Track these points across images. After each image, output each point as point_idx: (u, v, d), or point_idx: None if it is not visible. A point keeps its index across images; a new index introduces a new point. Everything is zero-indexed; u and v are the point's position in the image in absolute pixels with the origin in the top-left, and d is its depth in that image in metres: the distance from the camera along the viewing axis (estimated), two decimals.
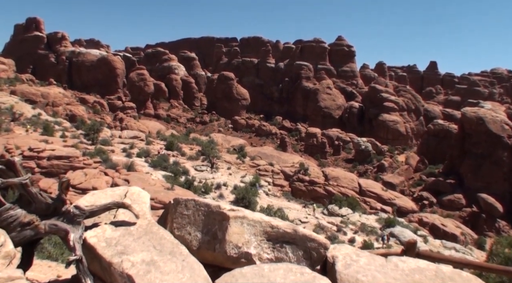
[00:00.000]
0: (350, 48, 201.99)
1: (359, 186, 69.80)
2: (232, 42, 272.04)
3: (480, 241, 62.92)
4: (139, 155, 57.79)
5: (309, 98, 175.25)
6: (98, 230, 6.86)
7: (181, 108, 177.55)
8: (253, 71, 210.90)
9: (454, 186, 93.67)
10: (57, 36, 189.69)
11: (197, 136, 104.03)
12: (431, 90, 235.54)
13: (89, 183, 32.42)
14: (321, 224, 44.42)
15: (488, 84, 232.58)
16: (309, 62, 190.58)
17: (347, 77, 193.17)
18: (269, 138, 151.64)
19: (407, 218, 64.09)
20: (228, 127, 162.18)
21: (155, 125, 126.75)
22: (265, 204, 45.30)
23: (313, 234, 6.98)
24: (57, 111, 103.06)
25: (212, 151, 65.62)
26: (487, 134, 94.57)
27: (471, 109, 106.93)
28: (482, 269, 11.37)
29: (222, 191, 48.77)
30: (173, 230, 7.37)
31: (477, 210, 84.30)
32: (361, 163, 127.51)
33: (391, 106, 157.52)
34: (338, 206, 54.11)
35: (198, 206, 7.46)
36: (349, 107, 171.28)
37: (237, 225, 6.91)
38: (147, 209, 7.74)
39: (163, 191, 33.95)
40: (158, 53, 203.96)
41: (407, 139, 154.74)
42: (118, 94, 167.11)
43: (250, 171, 67.62)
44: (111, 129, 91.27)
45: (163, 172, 49.54)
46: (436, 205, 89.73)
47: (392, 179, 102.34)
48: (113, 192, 8.22)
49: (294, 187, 65.49)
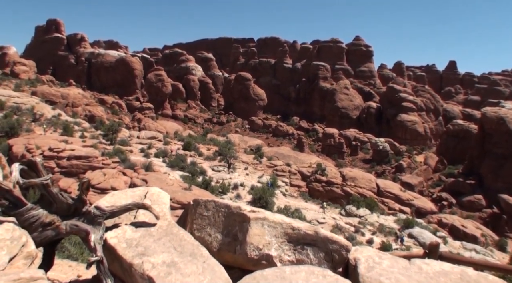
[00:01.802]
0: (368, 48, 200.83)
1: (377, 186, 69.27)
2: (249, 43, 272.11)
3: (501, 243, 61.97)
4: (157, 155, 58.07)
5: (326, 99, 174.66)
6: (118, 231, 6.86)
7: (199, 109, 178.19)
8: (270, 72, 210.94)
9: (474, 186, 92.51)
10: (77, 38, 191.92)
11: (214, 137, 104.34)
12: (450, 90, 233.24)
13: (107, 183, 32.63)
14: (339, 225, 44.19)
15: (509, 83, 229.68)
16: (326, 62, 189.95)
17: (364, 77, 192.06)
18: (286, 139, 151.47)
19: (426, 219, 63.45)
20: (245, 128, 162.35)
21: (173, 125, 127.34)
22: (282, 205, 45.17)
23: (334, 236, 6.90)
24: (76, 111, 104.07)
25: (229, 151, 65.64)
26: (508, 134, 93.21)
27: (491, 108, 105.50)
28: (506, 272, 11.17)
29: (239, 191, 48.78)
30: (193, 231, 7.35)
31: (498, 211, 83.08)
32: (379, 164, 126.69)
33: (409, 106, 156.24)
34: (356, 207, 53.80)
35: (218, 207, 7.43)
36: (366, 107, 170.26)
37: (257, 226, 6.86)
38: (167, 210, 7.72)
39: (181, 191, 34.01)
40: (176, 54, 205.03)
41: (425, 139, 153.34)
42: (136, 94, 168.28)
43: (267, 171, 67.53)
44: (129, 129, 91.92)
45: (180, 172, 49.72)
46: (455, 206, 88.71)
47: (411, 179, 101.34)
48: (133, 192, 8.23)
49: (311, 187, 65.24)
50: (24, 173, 6.84)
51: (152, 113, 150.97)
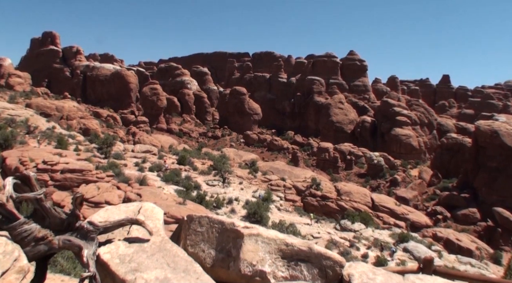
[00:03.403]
0: (362, 62, 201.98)
1: (371, 201, 69.24)
2: (244, 57, 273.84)
3: (496, 256, 62.05)
4: (152, 170, 57.91)
5: (321, 113, 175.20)
6: (111, 247, 6.83)
7: (193, 123, 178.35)
8: (265, 86, 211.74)
9: (468, 200, 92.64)
10: (72, 50, 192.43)
11: (209, 151, 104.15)
12: (444, 104, 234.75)
13: (101, 197, 32.46)
14: (334, 239, 44.10)
15: (502, 96, 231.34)
16: (321, 76, 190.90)
17: (359, 92, 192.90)
18: (281, 153, 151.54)
19: (421, 233, 63.46)
20: (240, 142, 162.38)
21: (168, 139, 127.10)
22: (277, 220, 45.07)
23: (328, 252, 6.89)
24: (71, 124, 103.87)
25: (224, 165, 65.47)
26: (502, 147, 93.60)
27: (485, 122, 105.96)
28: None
29: (233, 206, 48.61)
30: (187, 247, 7.32)
31: (493, 224, 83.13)
32: (373, 178, 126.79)
33: (403, 120, 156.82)
34: (351, 221, 53.78)
35: (212, 223, 7.42)
36: (361, 121, 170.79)
37: (251, 242, 6.84)
38: (160, 225, 7.69)
39: (175, 205, 33.88)
40: (171, 68, 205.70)
41: (420, 153, 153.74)
42: (131, 108, 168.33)
43: (262, 186, 67.38)
44: (124, 143, 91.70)
45: (175, 187, 49.57)
46: (450, 219, 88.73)
47: (405, 193, 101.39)
48: (126, 208, 8.20)
49: (306, 202, 65.10)
50: (17, 187, 6.81)
51: (147, 126, 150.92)
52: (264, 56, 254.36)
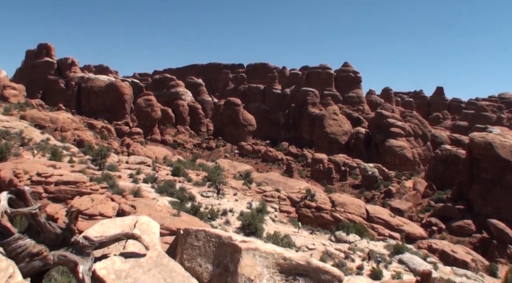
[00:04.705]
0: (356, 74, 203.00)
1: (366, 212, 69.16)
2: (238, 68, 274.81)
3: (492, 268, 62.06)
4: (146, 181, 57.64)
5: (315, 124, 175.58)
6: (107, 262, 6.76)
7: (188, 134, 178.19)
8: (259, 97, 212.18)
9: (463, 211, 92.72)
10: (67, 62, 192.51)
11: (204, 162, 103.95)
12: (438, 116, 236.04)
13: (95, 209, 32.24)
14: (329, 251, 43.91)
15: (496, 109, 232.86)
16: (315, 88, 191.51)
17: (353, 103, 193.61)
18: (275, 164, 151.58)
19: (416, 245, 63.33)
20: (234, 153, 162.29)
21: (162, 150, 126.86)
22: (271, 231, 44.86)
23: (327, 266, 6.84)
24: (65, 136, 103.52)
25: (219, 177, 65.28)
26: (496, 159, 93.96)
27: (479, 134, 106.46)
28: None
29: (228, 217, 48.38)
30: (183, 261, 7.25)
31: (488, 236, 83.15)
32: (368, 189, 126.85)
33: (397, 132, 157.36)
34: (346, 233, 53.63)
35: (208, 237, 7.35)
36: (355, 132, 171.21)
37: (249, 257, 6.78)
38: (156, 240, 7.62)
39: (170, 217, 33.68)
40: (166, 79, 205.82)
41: (414, 164, 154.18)
42: (126, 119, 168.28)
43: (257, 197, 67.21)
44: (118, 154, 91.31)
45: (169, 198, 49.30)
46: (445, 231, 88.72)
47: (400, 205, 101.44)
48: (122, 222, 8.13)
49: (300, 213, 64.94)
50: (12, 202, 6.74)
51: (141, 138, 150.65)
52: (259, 68, 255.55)
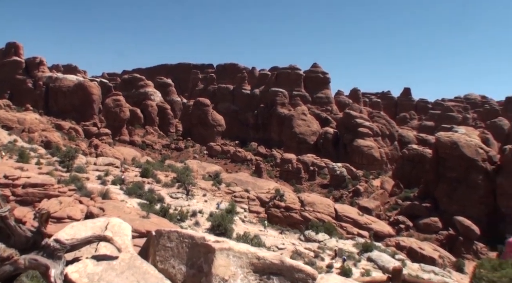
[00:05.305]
0: (325, 74, 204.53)
1: (335, 211, 69.77)
2: (208, 69, 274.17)
3: (459, 264, 63.42)
4: (114, 183, 56.98)
5: (284, 124, 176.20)
6: (79, 265, 6.67)
7: (157, 135, 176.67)
8: (228, 98, 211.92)
9: (429, 209, 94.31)
10: (35, 61, 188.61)
11: (172, 163, 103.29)
12: (405, 116, 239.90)
13: (64, 211, 31.70)
14: (298, 250, 44.14)
15: (461, 109, 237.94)
16: (284, 88, 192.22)
17: (322, 104, 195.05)
18: (244, 164, 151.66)
19: (384, 242, 64.26)
20: (203, 154, 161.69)
21: (130, 151, 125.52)
22: (241, 231, 44.86)
23: (300, 264, 6.89)
24: (32, 137, 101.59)
25: (188, 178, 64.97)
26: (462, 158, 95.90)
27: (445, 133, 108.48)
28: None
29: (198, 218, 48.19)
30: (156, 263, 7.20)
31: (454, 233, 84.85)
32: (336, 188, 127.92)
33: (365, 132, 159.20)
34: (315, 232, 53.97)
35: (181, 238, 7.32)
36: (324, 133, 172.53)
37: (223, 257, 6.78)
38: (129, 241, 7.56)
39: (139, 219, 33.35)
40: (135, 79, 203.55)
41: (381, 164, 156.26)
42: (94, 120, 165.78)
43: (226, 197, 67.16)
44: (86, 156, 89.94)
45: (138, 200, 48.81)
46: (412, 228, 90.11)
47: (368, 203, 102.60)
48: (93, 224, 8.03)
49: (270, 213, 65.12)
50: None
51: (109, 139, 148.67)
52: (228, 68, 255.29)
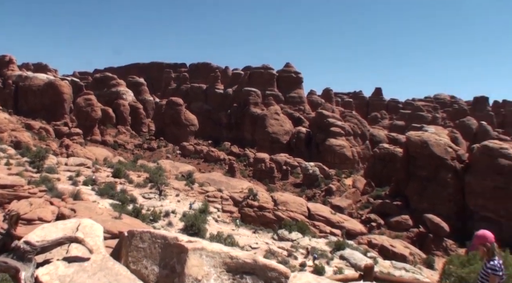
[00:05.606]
0: (298, 74, 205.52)
1: (308, 210, 70.14)
2: (181, 68, 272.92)
3: (429, 260, 64.45)
4: (86, 183, 56.26)
5: (257, 124, 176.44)
6: (50, 267, 6.59)
7: (129, 134, 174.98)
8: (201, 97, 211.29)
9: (401, 207, 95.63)
10: (5, 60, 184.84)
11: (145, 163, 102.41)
12: (376, 115, 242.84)
13: (34, 213, 31.18)
14: (272, 249, 44.29)
15: (431, 109, 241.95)
16: (257, 88, 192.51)
17: (294, 103, 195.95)
18: (217, 164, 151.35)
19: (357, 241, 64.90)
20: (176, 153, 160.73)
21: (102, 151, 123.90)
22: (215, 231, 44.81)
23: (273, 263, 6.93)
24: (2, 137, 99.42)
25: (160, 178, 64.63)
26: (431, 156, 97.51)
27: (415, 133, 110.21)
28: None
29: (171, 218, 47.94)
30: (129, 264, 7.16)
31: (424, 230, 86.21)
32: (309, 187, 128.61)
33: (337, 131, 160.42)
34: (288, 231, 54.20)
35: (154, 238, 7.29)
36: (296, 132, 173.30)
37: (196, 257, 6.77)
38: (100, 243, 7.49)
39: (111, 220, 33.03)
40: (106, 78, 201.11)
41: (353, 163, 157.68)
42: (65, 119, 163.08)
43: (199, 197, 67.00)
44: (57, 156, 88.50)
45: (110, 201, 48.31)
46: (384, 226, 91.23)
47: (340, 202, 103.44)
48: (64, 225, 7.94)
49: (243, 213, 65.15)
50: None
51: (80, 139, 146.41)
52: (201, 67, 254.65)
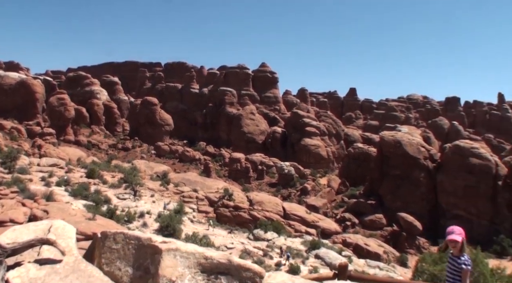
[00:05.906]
0: (273, 74, 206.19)
1: (283, 209, 70.48)
2: (156, 67, 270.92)
3: (402, 259, 65.43)
4: (59, 184, 55.46)
5: (232, 124, 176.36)
6: (21, 270, 6.47)
7: (103, 134, 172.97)
8: (177, 97, 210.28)
9: (375, 206, 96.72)
10: None
11: (119, 163, 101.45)
12: (350, 115, 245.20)
13: (5, 215, 30.58)
14: (247, 249, 44.39)
15: (404, 109, 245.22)
16: (233, 88, 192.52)
17: (270, 103, 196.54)
18: (192, 164, 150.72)
19: (331, 240, 65.45)
20: (151, 153, 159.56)
21: (76, 152, 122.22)
22: (190, 232, 44.68)
23: (248, 263, 6.93)
24: None
25: (135, 178, 64.09)
26: (405, 156, 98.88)
27: (389, 133, 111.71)
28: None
29: (145, 219, 47.63)
30: (102, 265, 7.08)
31: (398, 229, 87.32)
32: (284, 187, 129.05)
33: (312, 131, 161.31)
34: (264, 231, 54.37)
35: (127, 239, 7.22)
36: (272, 132, 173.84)
37: (170, 257, 6.73)
38: (73, 244, 7.39)
39: (85, 221, 32.61)
40: (80, 77, 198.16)
41: (328, 162, 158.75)
42: (37, 119, 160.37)
43: (174, 198, 66.74)
44: (29, 156, 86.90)
45: (84, 202, 47.70)
46: (358, 225, 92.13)
47: (315, 202, 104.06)
48: (36, 226, 7.80)
49: (219, 213, 65.19)
50: None
51: (53, 139, 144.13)
52: (176, 67, 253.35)
